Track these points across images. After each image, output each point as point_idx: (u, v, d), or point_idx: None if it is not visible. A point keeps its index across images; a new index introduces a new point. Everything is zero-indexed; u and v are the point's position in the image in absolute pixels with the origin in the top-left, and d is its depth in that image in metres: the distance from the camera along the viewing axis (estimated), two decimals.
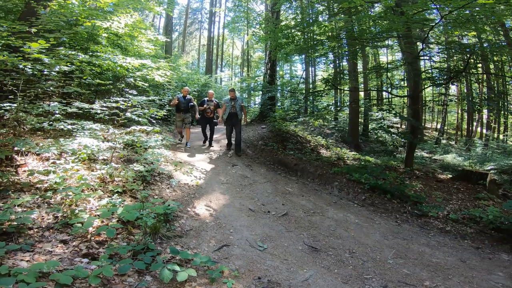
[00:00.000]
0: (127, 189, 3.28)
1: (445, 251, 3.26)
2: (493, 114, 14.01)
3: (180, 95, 6.70)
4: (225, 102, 6.61)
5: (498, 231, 3.78)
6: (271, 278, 2.28)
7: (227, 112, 6.54)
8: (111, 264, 1.93)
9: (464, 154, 11.25)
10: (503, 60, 9.93)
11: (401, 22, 5.20)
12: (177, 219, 3.03)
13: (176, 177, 4.32)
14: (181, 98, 6.65)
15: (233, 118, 6.56)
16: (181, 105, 6.62)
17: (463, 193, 5.37)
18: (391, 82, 9.61)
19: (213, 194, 4.10)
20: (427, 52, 6.85)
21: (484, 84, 11.57)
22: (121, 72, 6.11)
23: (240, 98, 6.82)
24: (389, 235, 3.56)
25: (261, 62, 23.90)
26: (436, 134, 16.68)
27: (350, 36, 7.03)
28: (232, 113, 6.53)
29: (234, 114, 6.53)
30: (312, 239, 3.20)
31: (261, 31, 12.56)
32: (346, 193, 5.22)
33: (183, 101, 6.63)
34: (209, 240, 2.77)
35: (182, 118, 6.72)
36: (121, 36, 6.87)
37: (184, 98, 6.68)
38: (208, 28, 22.56)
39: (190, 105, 6.64)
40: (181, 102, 6.63)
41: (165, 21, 15.74)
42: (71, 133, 4.23)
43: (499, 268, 2.91)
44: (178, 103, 6.61)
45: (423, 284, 2.46)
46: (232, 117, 6.57)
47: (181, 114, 6.67)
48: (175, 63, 12.47)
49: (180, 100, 6.62)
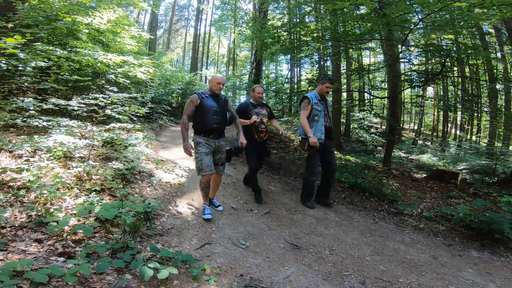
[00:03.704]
0: (106, 188, 3.21)
1: (419, 248, 3.40)
2: (467, 116, 14.75)
3: (204, 92, 3.25)
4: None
5: (468, 229, 3.95)
6: (253, 275, 2.30)
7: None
8: (89, 262, 1.89)
9: (438, 154, 11.79)
10: (478, 64, 10.46)
11: (383, 24, 5.37)
12: (158, 217, 3.00)
13: (157, 176, 4.26)
14: (208, 99, 3.19)
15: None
16: (209, 116, 3.15)
17: (436, 191, 5.61)
18: (371, 83, 9.91)
19: (196, 193, 4.07)
20: (407, 54, 7.11)
21: (459, 87, 12.18)
22: (101, 68, 5.94)
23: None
24: (367, 233, 3.68)
25: (247, 61, 23.92)
26: (413, 134, 17.35)
27: (335, 37, 7.18)
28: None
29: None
30: (293, 236, 3.26)
31: (248, 30, 12.57)
32: None
33: (213, 105, 3.17)
34: (191, 238, 2.76)
35: (214, 149, 3.26)
36: (102, 32, 6.67)
37: (215, 97, 3.24)
38: (195, 25, 22.29)
39: (228, 116, 3.37)
40: (209, 107, 3.15)
41: (150, 18, 15.44)
42: (46, 130, 4.08)
43: (469, 265, 3.05)
44: (201, 109, 3.15)
45: (398, 280, 2.56)
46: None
47: (210, 139, 3.20)
48: (159, 60, 12.23)
49: (205, 104, 3.15)
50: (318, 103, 4.05)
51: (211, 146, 3.24)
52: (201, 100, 3.20)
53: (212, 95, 3.28)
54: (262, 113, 4.07)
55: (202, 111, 3.20)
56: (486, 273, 2.90)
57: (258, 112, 4.04)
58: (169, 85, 11.33)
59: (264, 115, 4.08)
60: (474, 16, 5.27)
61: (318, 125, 4.02)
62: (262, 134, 4.02)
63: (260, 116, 4.02)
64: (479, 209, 4.47)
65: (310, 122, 4.03)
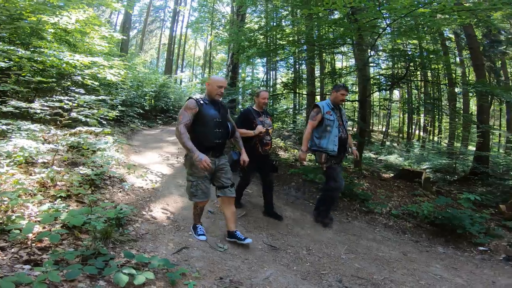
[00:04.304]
0: (72, 194, 3.04)
1: (389, 245, 3.55)
2: (429, 118, 15.80)
3: (201, 97, 2.70)
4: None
5: (433, 225, 4.14)
6: (233, 278, 2.29)
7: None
8: (58, 269, 1.79)
9: (404, 155, 12.46)
10: (439, 68, 11.25)
11: (354, 29, 5.61)
12: (132, 223, 2.88)
13: (129, 181, 4.10)
14: (208, 106, 2.64)
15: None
16: (210, 129, 2.62)
17: (402, 190, 5.89)
18: None
19: (171, 197, 3.97)
20: (375, 59, 7.47)
21: (422, 90, 13.04)
22: (67, 69, 5.65)
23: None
24: (341, 232, 3.79)
25: (223, 64, 23.80)
26: (381, 136, 18.26)
27: (309, 41, 7.38)
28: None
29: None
30: (271, 238, 3.28)
31: (225, 33, 12.55)
32: (302, 192, 5.44)
33: (215, 115, 2.65)
34: (167, 243, 2.69)
35: (217, 167, 2.74)
36: (70, 32, 6.38)
37: (215, 104, 2.71)
38: (171, 26, 21.74)
39: (230, 129, 2.78)
40: (210, 117, 2.62)
41: (124, 18, 14.89)
42: (5, 134, 3.80)
43: (436, 261, 3.23)
44: (201, 119, 2.60)
45: (373, 277, 2.66)
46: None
47: (209, 157, 2.54)
48: (131, 62, 11.83)
49: (205, 113, 2.60)
50: (331, 112, 3.69)
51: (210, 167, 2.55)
52: (200, 107, 2.57)
53: (211, 102, 2.69)
54: (267, 123, 3.55)
55: (201, 122, 2.57)
56: (452, 268, 3.07)
57: (263, 121, 3.50)
58: (141, 88, 10.99)
59: (269, 125, 3.60)
60: (436, 22, 5.68)
61: (331, 136, 3.65)
62: (267, 147, 3.52)
63: (265, 126, 3.49)
64: (442, 206, 4.68)
65: (322, 133, 3.69)
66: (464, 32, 8.74)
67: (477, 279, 2.86)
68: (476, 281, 2.82)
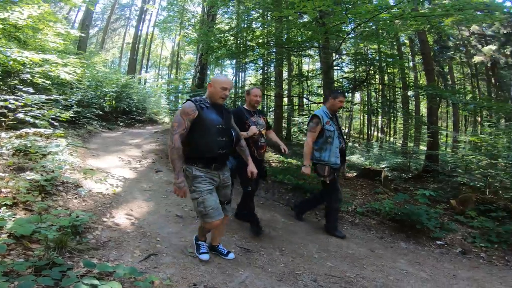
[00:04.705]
0: (19, 201, 2.72)
1: (357, 243, 3.64)
2: (386, 120, 16.93)
3: (202, 99, 2.27)
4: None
5: (394, 222, 4.29)
6: (207, 284, 2.17)
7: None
8: (8, 281, 1.63)
9: (365, 155, 13.16)
10: (394, 72, 12.10)
11: (322, 33, 5.78)
12: (91, 230, 2.63)
13: (86, 186, 3.78)
14: (209, 111, 2.24)
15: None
16: (212, 137, 2.23)
17: (365, 188, 6.13)
18: (310, 89, 10.62)
19: (135, 202, 3.72)
20: (340, 62, 7.79)
21: (380, 93, 13.94)
22: (14, 66, 5.12)
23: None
24: (311, 231, 3.83)
25: (191, 65, 23.22)
26: (344, 137, 19.17)
27: (279, 44, 7.47)
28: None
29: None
30: (243, 240, 3.20)
31: (194, 33, 12.24)
32: (272, 194, 5.43)
33: (218, 121, 2.26)
34: (133, 250, 2.48)
35: (219, 183, 2.36)
36: (20, 28, 5.79)
37: (218, 108, 2.32)
38: (136, 25, 20.53)
39: (235, 136, 2.41)
40: (212, 123, 2.23)
41: (84, 15, 13.78)
42: None
43: (400, 256, 3.36)
44: (201, 125, 2.20)
45: (346, 275, 2.70)
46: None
47: (211, 170, 2.27)
48: (90, 61, 11.04)
49: (206, 117, 2.21)
50: (330, 122, 3.46)
51: (214, 181, 2.28)
52: (200, 111, 2.19)
53: (213, 105, 2.30)
54: (260, 123, 3.21)
55: (201, 128, 2.20)
56: (415, 262, 3.22)
57: (256, 122, 3.17)
58: (101, 88, 10.29)
59: (262, 125, 3.24)
60: (395, 27, 6.07)
61: (333, 148, 3.43)
62: (262, 150, 3.21)
63: (258, 127, 3.16)
64: (401, 203, 4.90)
65: (323, 144, 3.44)
66: (418, 38, 9.47)
67: (440, 273, 3.02)
68: (439, 274, 2.97)
